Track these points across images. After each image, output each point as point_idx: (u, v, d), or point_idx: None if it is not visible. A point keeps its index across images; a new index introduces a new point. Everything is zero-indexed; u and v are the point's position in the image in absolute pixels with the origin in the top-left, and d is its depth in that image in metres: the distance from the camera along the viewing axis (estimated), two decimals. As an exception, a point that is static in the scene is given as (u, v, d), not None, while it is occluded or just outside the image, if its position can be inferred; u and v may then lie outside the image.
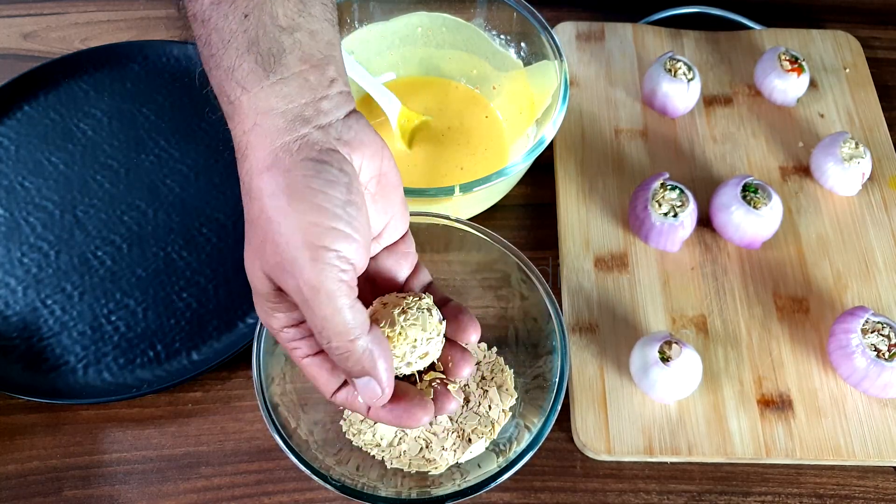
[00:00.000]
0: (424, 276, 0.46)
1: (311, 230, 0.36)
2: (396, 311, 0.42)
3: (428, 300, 0.43)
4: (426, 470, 0.52)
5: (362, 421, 0.54)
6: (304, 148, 0.37)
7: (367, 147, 0.40)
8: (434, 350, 0.43)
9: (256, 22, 0.38)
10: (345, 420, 0.54)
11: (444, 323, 0.43)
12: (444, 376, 0.44)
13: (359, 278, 0.40)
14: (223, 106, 0.40)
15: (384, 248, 0.44)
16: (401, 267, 0.44)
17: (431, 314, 0.43)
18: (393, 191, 0.42)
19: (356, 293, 0.38)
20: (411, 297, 0.43)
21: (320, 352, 0.41)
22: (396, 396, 0.41)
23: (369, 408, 0.41)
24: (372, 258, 0.43)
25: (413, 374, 0.44)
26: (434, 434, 0.53)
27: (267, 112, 0.38)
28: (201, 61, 0.40)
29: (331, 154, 0.38)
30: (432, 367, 0.44)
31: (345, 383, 0.42)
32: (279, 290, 0.39)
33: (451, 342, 0.44)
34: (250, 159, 0.38)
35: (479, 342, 0.57)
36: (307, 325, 0.39)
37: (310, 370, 0.42)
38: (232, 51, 0.38)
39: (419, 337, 0.42)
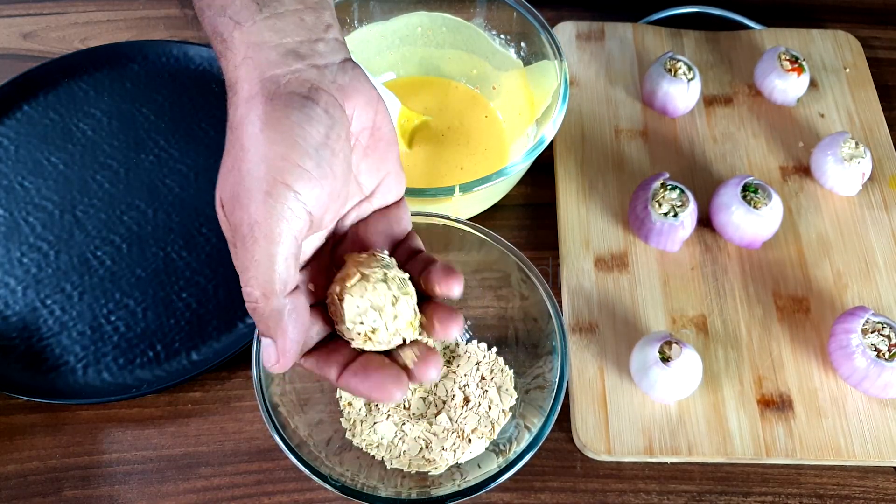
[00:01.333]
0: (416, 243, 0.43)
1: (277, 164, 0.35)
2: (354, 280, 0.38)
3: (389, 260, 0.40)
4: (426, 470, 0.52)
5: (362, 421, 0.54)
6: (294, 82, 0.36)
7: (362, 95, 0.38)
8: (403, 316, 0.39)
9: None
10: (345, 420, 0.54)
11: (409, 283, 0.40)
12: (426, 339, 0.40)
13: (344, 241, 0.38)
14: (215, 46, 0.39)
15: (376, 211, 0.42)
16: (391, 233, 0.42)
17: (392, 268, 0.39)
18: (387, 147, 0.41)
19: (298, 250, 0.36)
20: (374, 260, 0.39)
21: None
22: (367, 367, 0.39)
23: (339, 375, 0.39)
24: (362, 221, 0.42)
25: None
26: (434, 434, 0.53)
27: (260, 45, 0.37)
28: (194, 4, 0.39)
29: (321, 94, 0.37)
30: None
31: (317, 347, 0.40)
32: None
33: (433, 303, 0.41)
34: (239, 93, 0.37)
35: (480, 342, 0.57)
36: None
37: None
38: None
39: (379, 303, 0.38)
